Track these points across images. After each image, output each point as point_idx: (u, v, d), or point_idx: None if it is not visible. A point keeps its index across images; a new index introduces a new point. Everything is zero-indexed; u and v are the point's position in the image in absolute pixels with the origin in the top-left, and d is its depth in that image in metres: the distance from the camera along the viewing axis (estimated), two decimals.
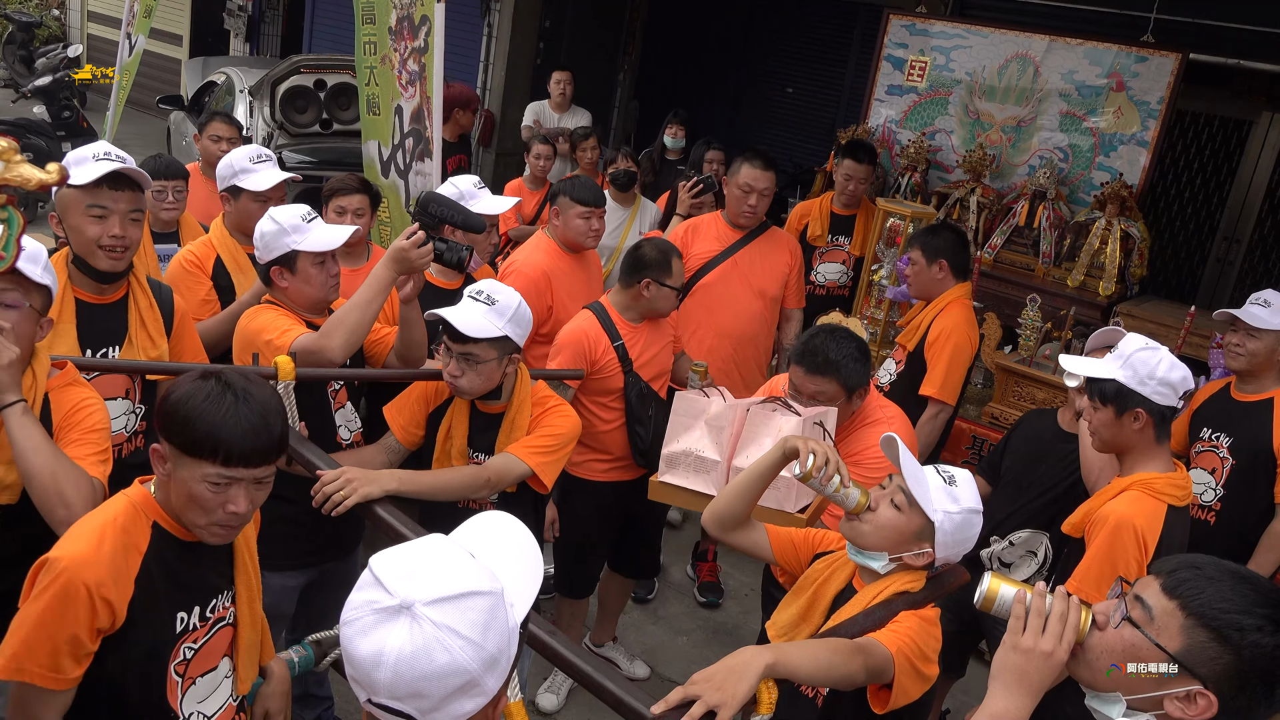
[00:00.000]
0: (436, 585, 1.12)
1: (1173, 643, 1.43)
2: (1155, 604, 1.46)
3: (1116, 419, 2.57)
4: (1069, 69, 5.57)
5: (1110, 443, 2.64)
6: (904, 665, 1.96)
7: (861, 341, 2.85)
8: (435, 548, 1.19)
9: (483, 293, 2.60)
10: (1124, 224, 5.19)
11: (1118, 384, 2.54)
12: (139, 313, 2.68)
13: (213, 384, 1.75)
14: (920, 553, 2.08)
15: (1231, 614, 1.41)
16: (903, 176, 5.94)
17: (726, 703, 1.63)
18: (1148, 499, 2.52)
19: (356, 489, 2.32)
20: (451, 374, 2.61)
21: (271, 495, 2.74)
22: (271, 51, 12.07)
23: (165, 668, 1.83)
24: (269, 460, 1.79)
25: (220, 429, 1.71)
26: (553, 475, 2.72)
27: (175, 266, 3.30)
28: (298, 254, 2.74)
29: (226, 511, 1.77)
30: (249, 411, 1.73)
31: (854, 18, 8.97)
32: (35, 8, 14.24)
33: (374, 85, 5.47)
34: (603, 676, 1.75)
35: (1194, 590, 1.44)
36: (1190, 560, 1.51)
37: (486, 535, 1.30)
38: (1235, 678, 1.40)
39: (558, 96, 7.18)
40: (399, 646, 1.09)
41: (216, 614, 1.92)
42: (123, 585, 1.74)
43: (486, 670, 1.13)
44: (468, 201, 3.39)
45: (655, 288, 3.46)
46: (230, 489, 1.75)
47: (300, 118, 6.37)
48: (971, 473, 2.20)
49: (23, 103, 9.00)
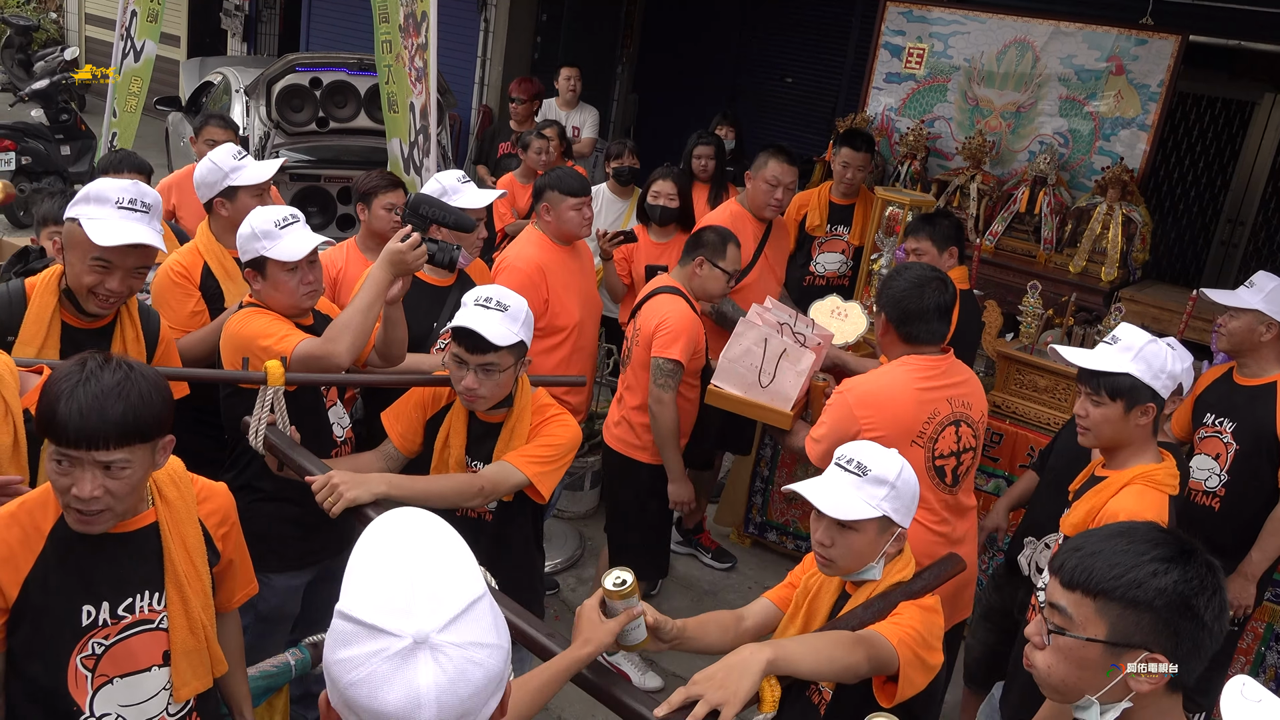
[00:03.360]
0: (439, 610, 1.08)
1: (1097, 629, 1.44)
2: (1065, 602, 1.47)
3: (1125, 414, 2.51)
4: (1068, 53, 5.53)
5: (1111, 438, 2.57)
6: (908, 656, 1.95)
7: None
8: (401, 571, 1.11)
9: (492, 299, 2.53)
10: (1126, 209, 5.16)
11: (1133, 378, 2.48)
12: (124, 341, 2.64)
13: (74, 365, 1.75)
14: (894, 539, 2.12)
15: (1125, 575, 1.42)
16: (902, 164, 5.91)
17: (729, 700, 1.62)
18: (1152, 492, 2.48)
19: (343, 494, 2.28)
20: (469, 387, 2.52)
21: (274, 498, 2.78)
22: (269, 51, 12.06)
23: (67, 658, 1.82)
24: (116, 444, 1.72)
25: (56, 406, 1.70)
26: (550, 485, 2.65)
27: (163, 278, 3.23)
28: (266, 260, 2.70)
29: (73, 494, 1.73)
30: (85, 393, 1.70)
31: (852, 5, 8.92)
32: (33, 11, 14.25)
33: (392, 83, 5.50)
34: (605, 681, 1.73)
35: (1084, 572, 1.45)
36: (1069, 545, 1.52)
37: (407, 537, 1.17)
38: (1165, 627, 1.41)
39: (566, 93, 7.15)
40: (434, 682, 1.05)
41: (138, 614, 1.89)
42: (14, 565, 1.78)
43: (509, 663, 1.16)
44: (451, 196, 3.34)
45: (708, 267, 3.63)
46: (74, 471, 1.72)
47: (296, 116, 6.34)
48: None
49: (21, 106, 9.01)
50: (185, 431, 2.14)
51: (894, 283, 3.01)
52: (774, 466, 4.75)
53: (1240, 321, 3.29)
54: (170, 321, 3.24)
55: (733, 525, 4.97)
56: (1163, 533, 1.49)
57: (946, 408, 2.91)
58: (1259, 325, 3.26)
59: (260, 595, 2.91)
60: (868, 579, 2.14)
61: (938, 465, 2.91)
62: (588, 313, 3.95)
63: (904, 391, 2.88)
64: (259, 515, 2.85)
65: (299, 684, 3.12)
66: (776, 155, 4.36)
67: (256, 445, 2.51)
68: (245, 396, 2.58)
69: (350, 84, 6.46)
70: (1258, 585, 3.28)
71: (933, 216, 3.95)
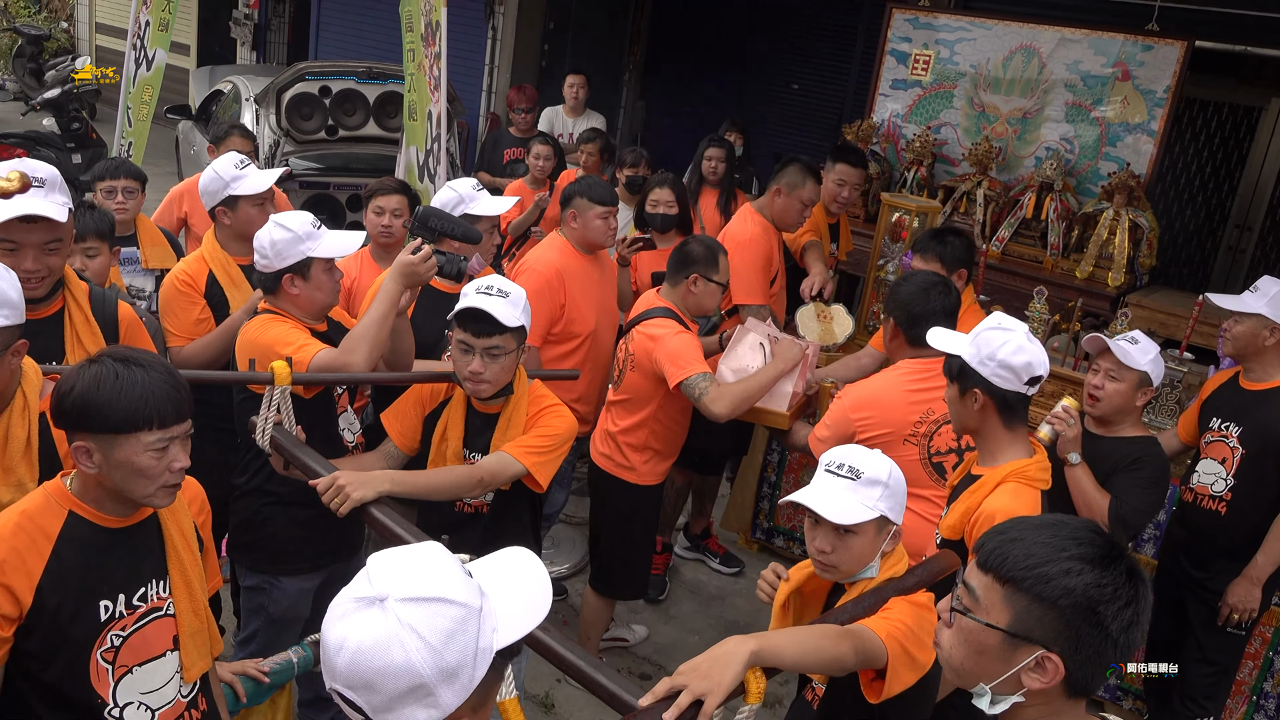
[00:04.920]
0: (413, 585, 1.14)
1: (1001, 617, 1.39)
2: (976, 583, 1.43)
3: (960, 398, 2.52)
4: (1074, 59, 5.54)
5: (958, 422, 2.59)
6: (897, 651, 1.96)
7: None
8: (430, 554, 1.20)
9: (493, 288, 2.60)
10: (1132, 214, 5.16)
11: (961, 361, 2.49)
12: (74, 328, 2.65)
13: (105, 367, 1.81)
14: (890, 537, 2.16)
15: (1037, 568, 1.36)
16: (908, 171, 5.92)
17: (713, 690, 1.61)
18: (1025, 489, 2.45)
19: (349, 495, 2.32)
20: (474, 372, 2.58)
21: (284, 501, 2.81)
22: (278, 59, 12.13)
23: (89, 654, 1.87)
24: (190, 413, 1.89)
25: (149, 398, 1.80)
26: (548, 474, 2.71)
27: (168, 286, 3.27)
28: (312, 261, 2.77)
29: (173, 470, 1.86)
30: (160, 376, 1.83)
31: (858, 12, 8.94)
32: (44, 20, 14.35)
33: (414, 91, 5.56)
34: (594, 670, 1.74)
35: (1000, 557, 1.40)
36: (998, 528, 1.47)
37: (500, 564, 1.30)
38: (1065, 630, 1.35)
39: (571, 100, 7.17)
40: (360, 636, 1.11)
41: (150, 603, 1.95)
42: (25, 571, 1.80)
43: (442, 681, 1.12)
44: (467, 203, 3.38)
45: (702, 283, 3.52)
46: (170, 449, 1.85)
47: (306, 124, 6.39)
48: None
49: (32, 115, 9.06)
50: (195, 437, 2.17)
51: (902, 288, 3.12)
52: (781, 472, 4.76)
53: (1245, 326, 3.30)
54: (175, 329, 3.28)
55: (740, 530, 4.99)
56: (1096, 533, 1.41)
57: (943, 407, 2.96)
58: (1263, 330, 3.27)
59: (271, 597, 2.95)
60: (863, 578, 2.16)
61: (934, 462, 2.99)
62: (604, 323, 3.96)
63: (894, 393, 3.03)
64: (271, 519, 2.88)
65: (310, 687, 3.15)
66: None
67: (263, 444, 2.54)
68: (259, 401, 2.61)
69: (359, 92, 6.51)
70: (1264, 589, 3.29)
71: (944, 235, 3.84)
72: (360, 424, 3.06)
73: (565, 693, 3.82)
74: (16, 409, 2.14)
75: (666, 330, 3.46)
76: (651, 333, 3.48)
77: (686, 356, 3.41)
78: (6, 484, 2.12)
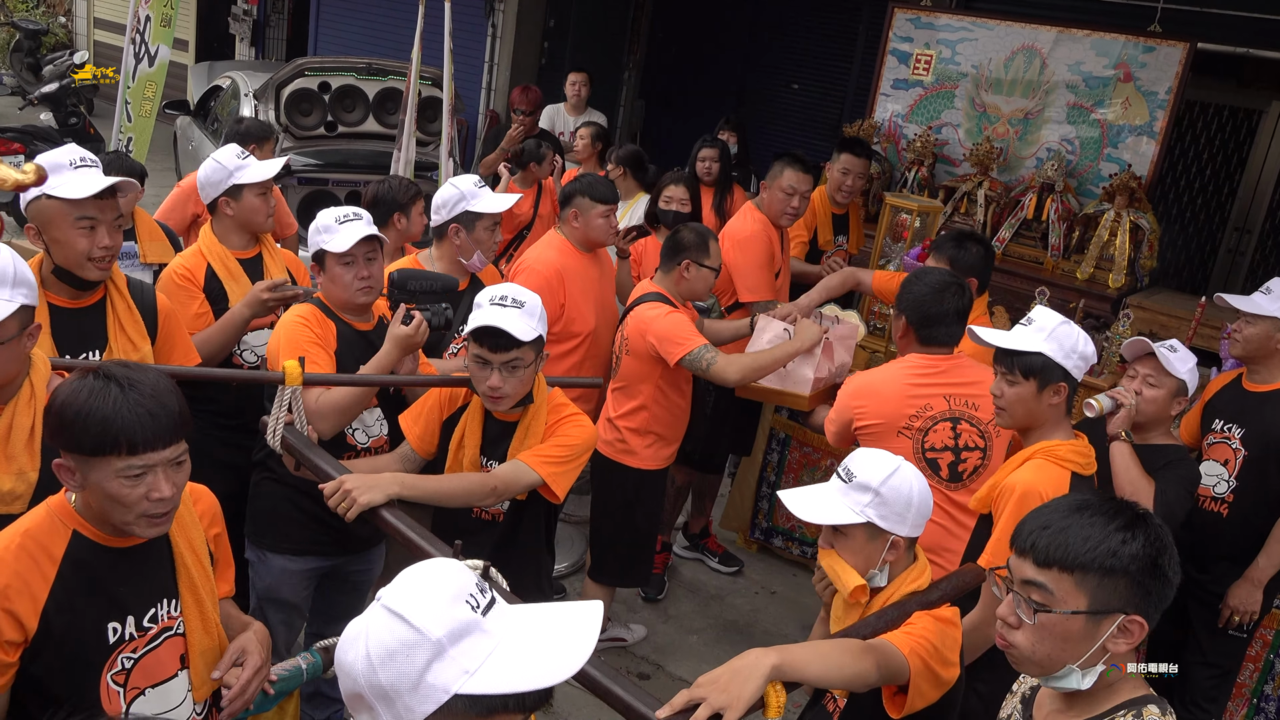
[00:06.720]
0: (396, 596, 1.13)
1: (1080, 602, 1.52)
2: (1044, 580, 1.54)
3: (1037, 394, 2.54)
4: (1075, 60, 5.54)
5: (1024, 418, 2.59)
6: (919, 667, 1.92)
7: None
8: (437, 574, 1.16)
9: (508, 298, 2.54)
10: (1133, 215, 5.16)
11: (1045, 358, 2.52)
12: (117, 316, 2.63)
13: (92, 380, 1.69)
14: (888, 547, 2.06)
15: (1100, 547, 1.51)
16: (909, 171, 5.91)
17: (732, 705, 1.59)
18: (1051, 466, 2.50)
19: (356, 499, 2.27)
20: (493, 386, 2.52)
21: (281, 480, 2.78)
22: (277, 55, 12.09)
23: (98, 678, 1.78)
24: (175, 439, 1.72)
25: (115, 420, 1.65)
26: (565, 486, 2.64)
27: (167, 280, 3.23)
28: (325, 254, 2.81)
29: (151, 500, 1.71)
30: (139, 396, 1.67)
31: (859, 12, 8.94)
32: (42, 15, 14.30)
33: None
34: (609, 680, 1.71)
35: (1059, 548, 1.53)
36: (1034, 525, 1.58)
37: (555, 616, 1.20)
38: (1138, 589, 1.52)
39: (573, 98, 7.16)
40: (350, 626, 1.14)
41: (161, 624, 1.86)
42: (30, 595, 1.70)
43: (378, 699, 1.09)
44: (470, 200, 3.35)
45: (695, 269, 3.60)
46: (146, 477, 1.70)
47: (305, 120, 6.36)
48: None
49: (30, 110, 9.03)
50: (201, 435, 2.15)
51: (915, 286, 3.10)
52: (780, 472, 4.75)
53: (1257, 328, 3.30)
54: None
55: (739, 530, 4.98)
56: (1113, 502, 1.58)
57: (943, 404, 2.99)
58: (1275, 332, 3.27)
59: (257, 572, 2.98)
60: (873, 587, 2.12)
61: (929, 458, 2.98)
62: (603, 321, 3.95)
63: (893, 385, 3.05)
64: (266, 494, 2.91)
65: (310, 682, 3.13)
66: (792, 164, 4.31)
67: (274, 445, 2.52)
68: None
69: (359, 88, 6.49)
70: (1265, 591, 3.28)
71: (965, 240, 3.62)
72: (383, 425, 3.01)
73: (564, 692, 3.80)
74: (23, 398, 2.11)
75: (658, 312, 3.55)
76: (643, 315, 3.57)
77: (681, 333, 3.51)
78: (8, 471, 2.08)
